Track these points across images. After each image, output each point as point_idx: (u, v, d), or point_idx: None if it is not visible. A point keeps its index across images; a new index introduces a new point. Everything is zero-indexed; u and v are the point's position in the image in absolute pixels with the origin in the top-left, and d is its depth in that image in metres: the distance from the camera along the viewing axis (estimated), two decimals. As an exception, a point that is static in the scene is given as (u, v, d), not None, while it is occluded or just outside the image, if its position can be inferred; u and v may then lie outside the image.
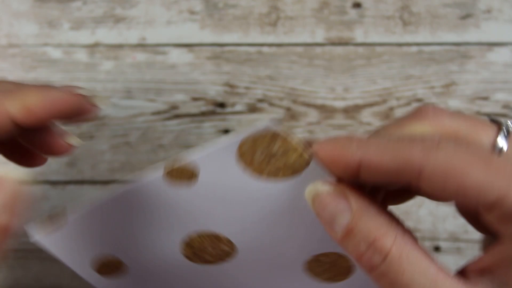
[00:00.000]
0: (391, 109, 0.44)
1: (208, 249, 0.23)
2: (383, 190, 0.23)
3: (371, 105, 0.44)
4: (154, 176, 0.20)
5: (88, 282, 0.25)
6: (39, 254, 0.47)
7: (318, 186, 0.20)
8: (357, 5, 0.44)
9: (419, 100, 0.44)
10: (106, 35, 0.44)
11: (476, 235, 0.42)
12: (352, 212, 0.19)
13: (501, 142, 0.22)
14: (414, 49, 0.44)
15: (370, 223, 0.19)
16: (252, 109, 0.45)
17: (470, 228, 0.23)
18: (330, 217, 0.19)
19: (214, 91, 0.45)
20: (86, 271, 0.25)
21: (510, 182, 0.18)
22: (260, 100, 0.45)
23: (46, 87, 0.21)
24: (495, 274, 0.19)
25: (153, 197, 0.21)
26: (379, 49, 0.44)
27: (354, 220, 0.19)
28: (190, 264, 0.24)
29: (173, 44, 0.44)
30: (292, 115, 0.45)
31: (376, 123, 0.44)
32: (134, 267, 0.25)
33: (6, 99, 0.19)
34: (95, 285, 0.25)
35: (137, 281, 0.26)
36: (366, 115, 0.44)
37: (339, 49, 0.44)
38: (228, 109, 0.45)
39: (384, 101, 0.44)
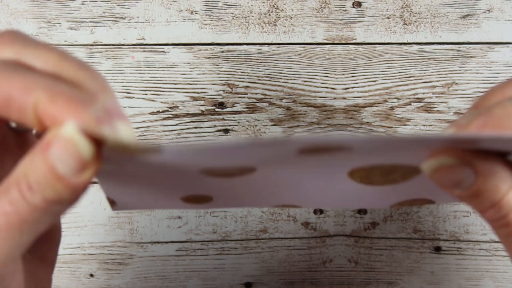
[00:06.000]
0: (392, 108, 0.44)
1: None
2: None
3: (371, 104, 0.44)
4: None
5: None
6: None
7: (441, 160, 0.20)
8: (357, 4, 0.44)
9: (419, 99, 0.44)
10: (105, 34, 0.44)
11: (477, 235, 0.42)
12: (477, 176, 0.20)
13: None
14: (414, 48, 0.44)
15: (492, 183, 0.20)
16: (252, 108, 0.45)
17: (471, 229, 0.23)
18: (454, 184, 0.20)
19: (214, 90, 0.44)
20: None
21: None
22: (260, 100, 0.45)
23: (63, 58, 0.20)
24: None
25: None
26: (379, 48, 0.44)
27: (478, 184, 0.20)
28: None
29: (172, 43, 0.44)
30: (292, 115, 0.44)
31: (377, 123, 0.44)
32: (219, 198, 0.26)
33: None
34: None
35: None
36: (366, 115, 0.44)
37: (339, 49, 0.44)
38: (228, 109, 0.44)
39: (385, 101, 0.44)
